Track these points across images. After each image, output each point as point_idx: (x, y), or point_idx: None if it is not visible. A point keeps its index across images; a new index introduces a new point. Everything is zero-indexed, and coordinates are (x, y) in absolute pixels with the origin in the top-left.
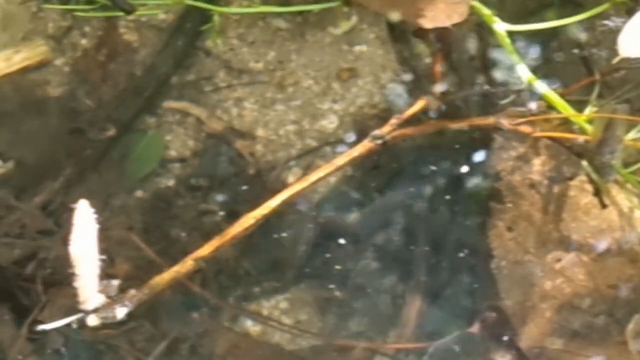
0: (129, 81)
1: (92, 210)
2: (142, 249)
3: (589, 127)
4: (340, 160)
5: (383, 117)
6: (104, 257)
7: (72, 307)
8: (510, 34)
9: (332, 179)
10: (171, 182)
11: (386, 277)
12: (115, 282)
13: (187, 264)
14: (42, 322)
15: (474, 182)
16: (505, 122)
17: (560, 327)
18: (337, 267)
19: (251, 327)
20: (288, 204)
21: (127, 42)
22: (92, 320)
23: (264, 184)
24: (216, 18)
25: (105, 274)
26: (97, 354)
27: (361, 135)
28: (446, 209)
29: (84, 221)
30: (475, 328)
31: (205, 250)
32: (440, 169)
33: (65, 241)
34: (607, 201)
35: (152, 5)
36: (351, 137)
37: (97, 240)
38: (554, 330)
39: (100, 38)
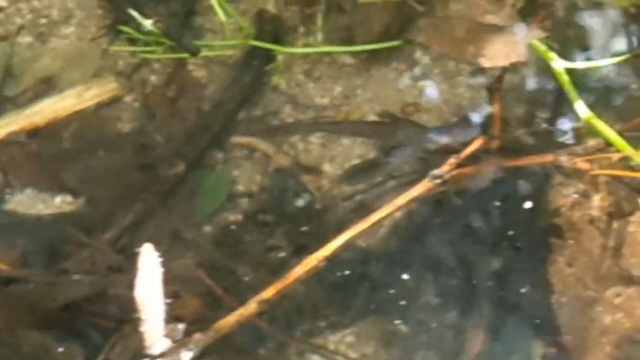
0: (198, 117)
1: (156, 254)
2: (210, 287)
3: None
4: (401, 200)
5: (447, 152)
6: (169, 300)
7: (141, 347)
8: (570, 70)
9: (397, 214)
10: (239, 218)
11: (448, 312)
12: (181, 326)
13: (250, 307)
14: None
15: (534, 217)
16: (563, 160)
17: None
18: (401, 302)
19: None
20: (350, 244)
21: (196, 78)
22: None
23: (330, 219)
24: (280, 58)
25: (172, 317)
26: None
27: (426, 170)
28: (507, 244)
29: (149, 265)
30: None
31: (269, 292)
32: (502, 204)
33: (132, 284)
34: None
35: (217, 44)
36: (415, 171)
37: (162, 284)
38: None
39: (169, 74)
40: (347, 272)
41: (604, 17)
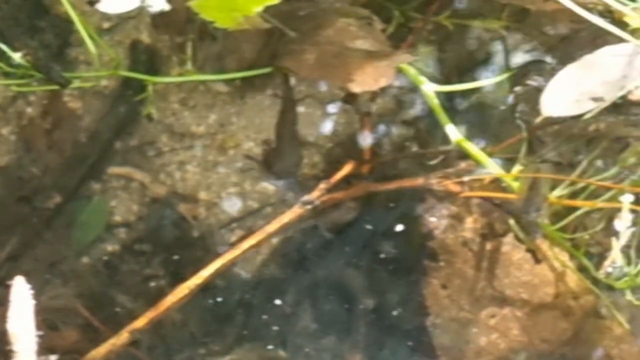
0: (74, 148)
1: (28, 286)
2: (87, 318)
3: (516, 186)
4: (271, 227)
5: (323, 177)
6: (44, 332)
7: None
8: (442, 93)
9: (274, 240)
10: (116, 248)
11: (325, 337)
12: (54, 357)
13: (122, 337)
14: None
15: (408, 240)
16: (434, 183)
17: None
18: (279, 328)
19: None
20: (221, 272)
21: (72, 109)
22: None
23: (207, 246)
24: (150, 88)
25: (46, 348)
26: None
27: (302, 195)
28: (382, 267)
29: (20, 298)
30: None
31: (141, 322)
32: (375, 228)
33: (4, 318)
34: (539, 256)
35: (88, 76)
36: (291, 197)
37: (36, 316)
38: None
39: (45, 106)
40: (225, 300)
41: (475, 40)
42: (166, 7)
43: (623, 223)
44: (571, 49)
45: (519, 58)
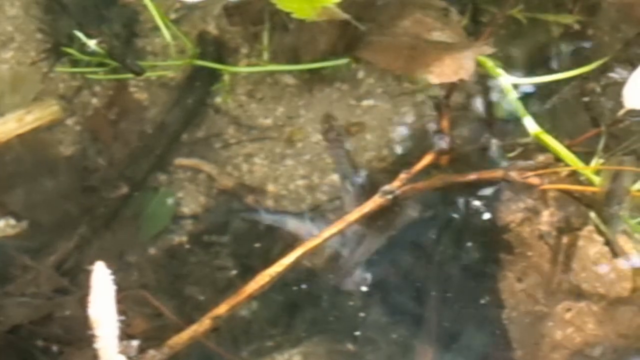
0: (140, 139)
1: (108, 271)
2: (157, 307)
3: (596, 179)
4: (352, 217)
5: (392, 170)
6: (122, 317)
7: None
8: (517, 86)
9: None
10: (184, 239)
11: (397, 329)
12: (135, 343)
13: (204, 323)
14: None
15: (484, 233)
16: (513, 175)
17: None
18: (348, 321)
19: None
20: (301, 260)
21: (138, 100)
22: None
23: (275, 239)
24: (226, 78)
25: (125, 334)
26: None
27: (370, 189)
28: (456, 260)
29: (102, 283)
30: None
31: (222, 308)
32: (451, 219)
33: (81, 302)
34: (617, 250)
35: (161, 65)
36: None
37: (115, 301)
38: None
39: (110, 97)
40: (293, 292)
41: (548, 34)
42: None
43: None
44: None
45: (593, 52)
